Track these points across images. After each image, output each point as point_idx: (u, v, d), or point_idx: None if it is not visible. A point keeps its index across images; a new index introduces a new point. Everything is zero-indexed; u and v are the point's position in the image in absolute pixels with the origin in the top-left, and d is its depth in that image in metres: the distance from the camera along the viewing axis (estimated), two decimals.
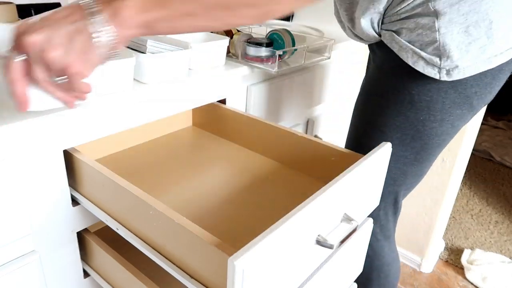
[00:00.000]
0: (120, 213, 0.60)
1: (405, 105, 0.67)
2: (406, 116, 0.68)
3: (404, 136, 0.70)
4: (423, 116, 0.67)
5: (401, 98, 0.67)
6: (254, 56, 0.93)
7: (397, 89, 0.67)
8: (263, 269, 0.43)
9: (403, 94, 0.66)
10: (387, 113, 0.69)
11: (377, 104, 0.71)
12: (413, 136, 0.70)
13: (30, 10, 1.06)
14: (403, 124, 0.69)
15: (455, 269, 1.54)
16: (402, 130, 0.70)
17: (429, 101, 0.66)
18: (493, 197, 2.02)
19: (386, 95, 0.69)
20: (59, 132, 0.62)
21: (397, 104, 0.68)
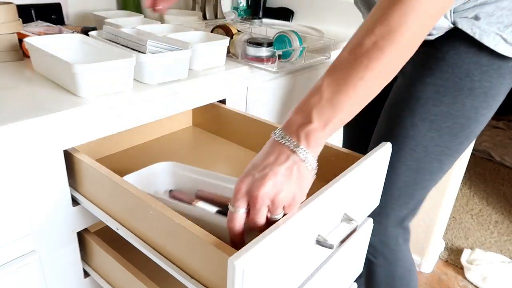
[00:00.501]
0: (120, 213, 0.60)
1: (464, 92, 0.68)
2: (462, 103, 0.69)
3: (454, 125, 0.71)
4: (479, 102, 0.69)
5: (461, 85, 0.68)
6: (254, 56, 0.93)
7: (458, 76, 0.68)
8: (263, 269, 0.43)
9: (464, 81, 0.68)
10: (443, 101, 0.70)
11: (433, 94, 0.70)
12: (462, 124, 0.71)
13: (30, 10, 1.06)
14: (456, 112, 0.70)
15: (455, 269, 1.54)
16: (454, 118, 0.70)
17: (487, 87, 0.68)
18: (493, 197, 2.02)
19: (445, 83, 0.69)
20: (59, 132, 0.62)
21: (456, 91, 0.68)
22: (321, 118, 0.49)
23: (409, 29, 0.47)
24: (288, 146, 0.48)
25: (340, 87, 0.48)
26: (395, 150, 0.73)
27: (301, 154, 0.48)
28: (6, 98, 0.63)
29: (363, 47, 0.48)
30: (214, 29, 1.01)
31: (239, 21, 1.48)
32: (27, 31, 0.90)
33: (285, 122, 0.51)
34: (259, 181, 0.46)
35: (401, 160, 0.75)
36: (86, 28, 1.00)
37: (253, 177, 0.47)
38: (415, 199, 0.78)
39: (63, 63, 0.63)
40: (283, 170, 0.47)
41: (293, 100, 1.16)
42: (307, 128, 0.48)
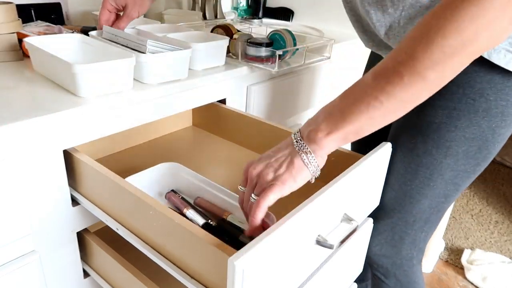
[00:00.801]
0: (120, 213, 0.60)
1: (479, 113, 0.64)
2: (478, 125, 0.65)
3: (470, 148, 0.67)
4: (495, 123, 0.65)
5: (476, 106, 0.64)
6: (254, 56, 0.93)
7: (471, 97, 0.63)
8: (263, 269, 0.43)
9: (478, 102, 0.63)
10: (458, 125, 0.65)
11: (446, 118, 0.66)
12: (479, 146, 0.66)
13: (30, 10, 1.06)
14: (473, 135, 0.65)
15: (455, 269, 1.54)
16: (470, 142, 0.66)
17: (504, 106, 0.64)
18: (493, 197, 2.02)
19: (458, 106, 0.65)
20: (59, 132, 0.62)
21: (470, 115, 0.64)
22: (327, 123, 0.51)
23: (434, 64, 0.45)
24: (294, 139, 0.54)
25: (354, 101, 0.50)
26: (409, 178, 0.71)
27: (301, 147, 0.52)
28: (6, 98, 0.63)
29: (384, 70, 0.48)
30: (214, 29, 1.01)
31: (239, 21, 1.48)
32: (27, 31, 0.90)
33: (305, 123, 0.55)
34: (255, 162, 0.54)
35: (416, 189, 0.71)
36: (86, 28, 1.00)
37: (256, 160, 0.55)
38: (431, 222, 0.75)
39: (63, 63, 0.63)
40: (279, 155, 0.54)
41: (293, 100, 1.16)
42: (314, 128, 0.52)
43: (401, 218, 0.74)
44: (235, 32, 0.98)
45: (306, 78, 1.17)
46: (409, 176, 0.70)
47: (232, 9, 1.62)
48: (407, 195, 0.72)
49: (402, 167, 0.71)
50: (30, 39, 0.73)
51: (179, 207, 0.63)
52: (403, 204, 0.73)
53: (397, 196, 0.73)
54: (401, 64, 0.47)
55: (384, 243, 0.78)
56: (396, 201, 0.74)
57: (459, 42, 0.44)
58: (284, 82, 1.08)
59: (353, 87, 0.52)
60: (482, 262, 1.54)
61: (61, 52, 0.70)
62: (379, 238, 0.78)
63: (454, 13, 0.43)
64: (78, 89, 0.64)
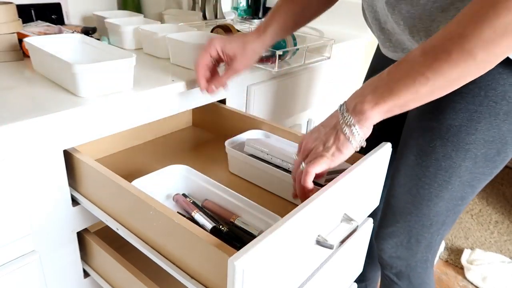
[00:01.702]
0: (120, 213, 0.60)
1: (500, 116, 0.63)
2: (498, 128, 0.64)
3: (489, 151, 0.66)
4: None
5: (497, 109, 0.63)
6: None
7: (493, 100, 0.63)
8: (263, 269, 0.43)
9: (500, 105, 0.63)
10: (478, 128, 0.65)
11: (466, 121, 0.65)
12: (498, 150, 0.66)
13: (30, 10, 1.06)
14: (492, 138, 0.65)
15: (455, 269, 1.54)
16: (489, 144, 0.65)
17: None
18: (493, 197, 2.02)
19: (479, 108, 0.64)
20: (59, 132, 0.62)
21: (491, 117, 0.64)
22: (374, 95, 0.52)
23: (483, 42, 0.45)
24: (340, 112, 0.56)
25: (400, 75, 0.51)
26: (427, 182, 0.70)
27: (345, 121, 0.54)
28: (6, 98, 0.63)
29: (433, 47, 0.48)
30: (214, 29, 1.01)
31: (239, 21, 1.48)
32: (27, 31, 0.90)
33: (352, 94, 0.57)
34: (308, 135, 0.60)
35: (434, 192, 0.70)
36: (86, 28, 1.00)
37: (308, 133, 0.60)
38: (446, 224, 0.75)
39: (63, 63, 0.63)
40: (327, 129, 0.57)
41: (293, 100, 1.16)
42: (360, 100, 0.54)
43: (418, 221, 0.74)
44: (235, 32, 0.98)
45: (306, 78, 1.17)
46: (427, 180, 0.70)
47: (232, 9, 1.62)
48: (425, 198, 0.71)
49: (420, 171, 0.71)
50: (30, 39, 0.73)
51: (187, 210, 0.63)
52: (421, 208, 0.72)
53: (414, 200, 0.73)
54: (450, 41, 0.47)
55: (399, 246, 0.77)
56: (413, 204, 0.73)
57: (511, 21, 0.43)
58: (284, 82, 1.08)
59: (401, 62, 0.52)
60: (482, 262, 1.54)
61: (61, 52, 0.70)
62: (395, 241, 0.78)
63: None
64: (78, 89, 0.64)
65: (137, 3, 1.26)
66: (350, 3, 1.47)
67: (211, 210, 0.65)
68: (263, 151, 0.75)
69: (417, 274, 0.80)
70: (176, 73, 0.82)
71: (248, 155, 0.75)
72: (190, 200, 0.66)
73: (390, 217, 0.77)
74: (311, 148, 0.58)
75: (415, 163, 0.71)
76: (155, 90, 0.72)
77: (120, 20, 1.00)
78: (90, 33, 1.00)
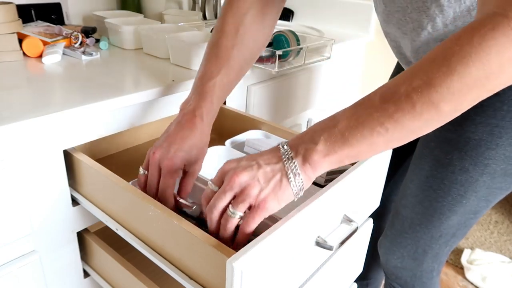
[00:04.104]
0: (120, 214, 0.60)
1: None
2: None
3: (509, 167, 0.63)
4: None
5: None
6: None
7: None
8: (261, 270, 0.43)
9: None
10: (499, 143, 0.62)
11: (487, 135, 0.62)
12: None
13: (30, 10, 1.05)
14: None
15: (455, 269, 1.54)
16: (509, 160, 0.62)
17: None
18: None
19: (501, 123, 0.61)
20: (59, 132, 0.62)
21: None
22: (326, 144, 0.46)
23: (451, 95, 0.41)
24: (284, 154, 0.48)
25: (357, 124, 0.45)
26: (441, 195, 0.68)
27: (291, 167, 0.47)
28: (6, 98, 0.63)
29: (395, 94, 0.43)
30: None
31: None
32: (27, 31, 0.90)
33: (295, 137, 0.50)
34: (240, 168, 0.48)
35: (447, 206, 0.68)
36: (86, 28, 1.00)
37: (238, 163, 0.49)
38: (457, 236, 0.72)
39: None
40: (268, 170, 0.48)
41: (293, 100, 1.16)
42: (309, 148, 0.47)
43: (427, 233, 0.72)
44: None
45: (306, 78, 1.17)
46: (441, 192, 0.68)
47: None
48: (437, 211, 0.69)
49: (435, 183, 0.68)
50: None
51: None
52: (432, 220, 0.70)
53: (425, 212, 0.70)
54: (415, 91, 0.42)
55: (406, 256, 0.76)
56: (424, 216, 0.71)
57: (482, 74, 0.39)
58: (284, 82, 1.08)
59: (358, 107, 0.47)
60: (482, 262, 1.54)
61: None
62: (401, 251, 0.76)
63: (481, 42, 0.39)
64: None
65: (137, 3, 1.26)
66: (350, 3, 1.47)
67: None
68: None
69: (422, 283, 0.78)
70: (176, 73, 0.82)
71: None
72: (179, 198, 0.64)
73: (398, 227, 0.75)
74: (242, 186, 0.47)
75: (429, 174, 0.68)
76: (155, 90, 0.72)
77: (120, 20, 1.00)
78: (90, 33, 1.00)
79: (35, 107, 0.60)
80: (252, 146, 0.76)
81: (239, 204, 0.47)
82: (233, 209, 0.47)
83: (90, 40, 0.95)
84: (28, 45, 0.83)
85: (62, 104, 0.62)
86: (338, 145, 0.46)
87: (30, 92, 0.66)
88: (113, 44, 1.00)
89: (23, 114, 0.57)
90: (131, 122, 0.72)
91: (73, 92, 0.67)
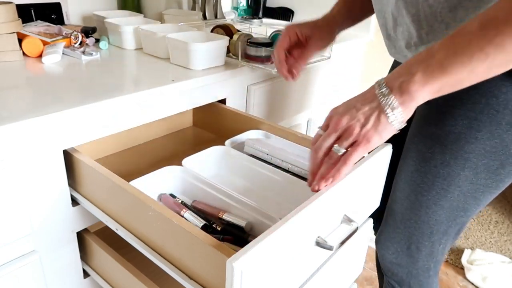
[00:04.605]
0: (120, 214, 0.60)
1: (502, 126, 0.59)
2: (501, 139, 0.60)
3: (492, 163, 0.62)
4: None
5: (499, 118, 0.59)
6: (254, 56, 0.93)
7: (494, 108, 0.59)
8: (262, 270, 0.43)
9: (502, 114, 0.59)
10: (478, 137, 0.61)
11: (466, 129, 0.62)
12: (502, 162, 0.62)
13: (30, 10, 1.05)
14: (494, 148, 0.61)
15: (455, 269, 1.54)
16: (491, 155, 0.62)
17: None
18: None
19: (479, 116, 0.60)
20: (59, 132, 0.62)
21: (492, 127, 0.60)
22: (424, 75, 0.48)
23: None
24: (379, 91, 0.51)
25: (456, 52, 0.46)
26: (426, 189, 0.68)
27: (388, 102, 0.50)
28: (6, 98, 0.63)
29: (494, 19, 0.44)
30: (214, 29, 1.01)
31: (239, 21, 1.48)
32: (27, 31, 0.90)
33: (390, 73, 0.51)
34: (341, 112, 0.54)
35: (432, 200, 0.68)
36: (86, 28, 1.00)
37: (340, 108, 0.54)
38: (448, 234, 0.72)
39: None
40: (366, 109, 0.52)
41: (293, 100, 1.16)
42: (407, 79, 0.49)
43: (417, 228, 0.72)
44: (235, 32, 0.98)
45: (306, 78, 1.17)
46: (425, 186, 0.68)
47: (232, 9, 1.62)
48: (423, 205, 0.69)
49: (419, 177, 0.69)
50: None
51: (176, 210, 0.63)
52: (419, 214, 0.70)
53: (413, 206, 0.71)
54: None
55: (400, 252, 0.76)
56: (412, 211, 0.71)
57: None
58: (284, 82, 1.08)
59: (455, 37, 0.47)
60: (482, 262, 1.54)
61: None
62: (395, 246, 0.76)
63: None
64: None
65: (137, 3, 1.26)
66: None
67: (201, 209, 0.65)
68: (263, 151, 0.75)
69: (419, 282, 0.78)
70: (176, 73, 0.82)
71: (248, 155, 0.75)
72: (178, 200, 0.66)
73: (391, 222, 0.76)
74: (345, 127, 0.53)
75: (414, 168, 0.69)
76: (155, 90, 0.72)
77: (120, 20, 1.00)
78: (90, 33, 1.00)
79: (35, 107, 0.60)
80: (252, 146, 0.76)
81: (343, 142, 0.52)
82: (338, 147, 0.53)
83: (90, 40, 0.95)
84: (28, 45, 0.83)
85: (62, 104, 0.62)
86: (436, 74, 0.47)
87: (30, 92, 0.66)
88: (113, 44, 1.00)
89: (23, 114, 0.57)
90: (131, 122, 0.72)
91: (73, 92, 0.67)
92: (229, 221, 0.60)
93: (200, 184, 0.66)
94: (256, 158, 0.74)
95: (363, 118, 0.52)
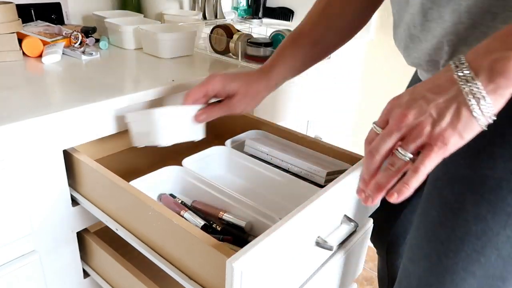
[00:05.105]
0: (120, 214, 0.60)
1: None
2: None
3: None
4: None
5: None
6: (254, 56, 0.93)
7: None
8: (261, 271, 0.43)
9: None
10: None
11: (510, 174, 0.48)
12: None
13: (30, 10, 1.05)
14: None
15: None
16: None
17: None
18: None
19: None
20: (59, 132, 0.62)
21: None
22: None
23: None
24: (460, 74, 0.38)
25: None
26: (452, 249, 0.52)
27: (471, 90, 0.37)
28: (6, 98, 0.63)
29: None
30: (214, 29, 1.01)
31: (239, 21, 1.48)
32: (27, 31, 0.90)
33: (473, 49, 0.38)
34: (405, 103, 0.40)
35: (461, 264, 0.52)
36: (86, 28, 1.00)
37: (403, 99, 0.41)
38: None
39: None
40: (440, 101, 0.39)
41: (293, 100, 1.16)
42: (500, 57, 0.36)
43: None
44: (235, 32, 0.98)
45: (306, 78, 1.17)
46: (452, 246, 0.53)
47: (232, 9, 1.62)
48: (448, 270, 0.54)
49: (444, 233, 0.53)
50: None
51: (175, 210, 0.63)
52: (443, 281, 0.55)
53: (434, 271, 0.55)
54: None
55: None
56: (433, 274, 0.56)
57: None
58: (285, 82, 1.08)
59: None
60: None
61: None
62: None
63: None
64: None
65: (137, 3, 1.26)
66: None
67: (201, 209, 0.65)
68: (263, 151, 0.75)
69: None
70: (176, 73, 0.82)
71: (248, 155, 0.75)
72: (178, 200, 0.66)
73: (405, 284, 0.61)
74: (411, 124, 0.39)
75: (437, 221, 0.54)
76: (155, 90, 0.72)
77: (120, 20, 1.00)
78: (90, 33, 1.00)
79: (35, 107, 0.60)
80: (252, 146, 0.76)
81: (410, 144, 0.39)
82: (403, 150, 0.40)
83: (90, 40, 0.95)
84: (28, 45, 0.83)
85: (62, 104, 0.62)
86: None
87: (30, 92, 0.66)
88: (113, 44, 1.00)
89: (23, 114, 0.57)
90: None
91: (73, 92, 0.67)
92: (229, 221, 0.60)
93: (200, 184, 0.66)
94: (256, 158, 0.74)
95: (436, 113, 0.38)
